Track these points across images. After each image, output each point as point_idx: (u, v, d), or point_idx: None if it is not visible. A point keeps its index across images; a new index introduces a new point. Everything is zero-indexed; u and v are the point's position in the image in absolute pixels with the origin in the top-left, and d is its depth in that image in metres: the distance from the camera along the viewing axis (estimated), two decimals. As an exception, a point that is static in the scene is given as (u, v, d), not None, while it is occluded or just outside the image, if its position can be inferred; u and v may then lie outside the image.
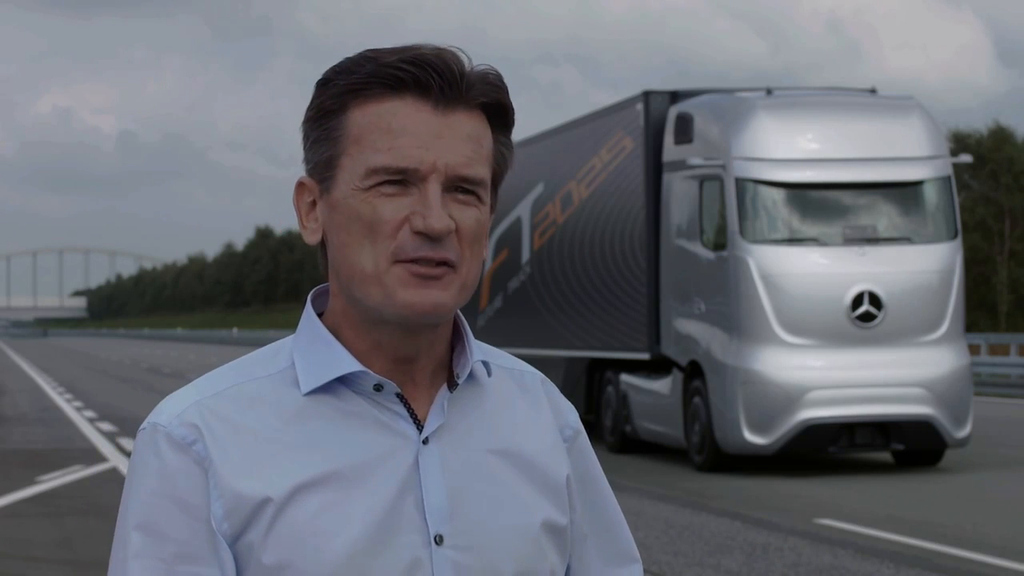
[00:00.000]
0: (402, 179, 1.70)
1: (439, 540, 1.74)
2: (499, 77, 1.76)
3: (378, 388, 1.76)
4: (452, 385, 1.80)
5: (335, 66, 1.76)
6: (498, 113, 1.77)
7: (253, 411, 1.75)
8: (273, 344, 1.82)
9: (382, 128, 1.71)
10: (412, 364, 1.78)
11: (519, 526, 1.79)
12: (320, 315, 1.82)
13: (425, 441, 1.76)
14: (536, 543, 1.80)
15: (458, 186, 1.72)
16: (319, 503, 1.71)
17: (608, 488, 1.96)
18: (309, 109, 1.77)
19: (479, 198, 1.74)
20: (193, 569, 1.70)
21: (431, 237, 1.69)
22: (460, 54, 1.74)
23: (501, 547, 1.77)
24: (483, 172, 1.74)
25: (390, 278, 1.71)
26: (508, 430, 1.84)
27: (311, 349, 1.78)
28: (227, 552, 1.70)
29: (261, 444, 1.73)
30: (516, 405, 1.87)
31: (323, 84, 1.76)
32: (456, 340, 1.82)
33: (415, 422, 1.77)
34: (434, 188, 1.70)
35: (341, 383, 1.76)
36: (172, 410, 1.75)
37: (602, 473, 1.96)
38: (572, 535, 1.89)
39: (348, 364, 1.75)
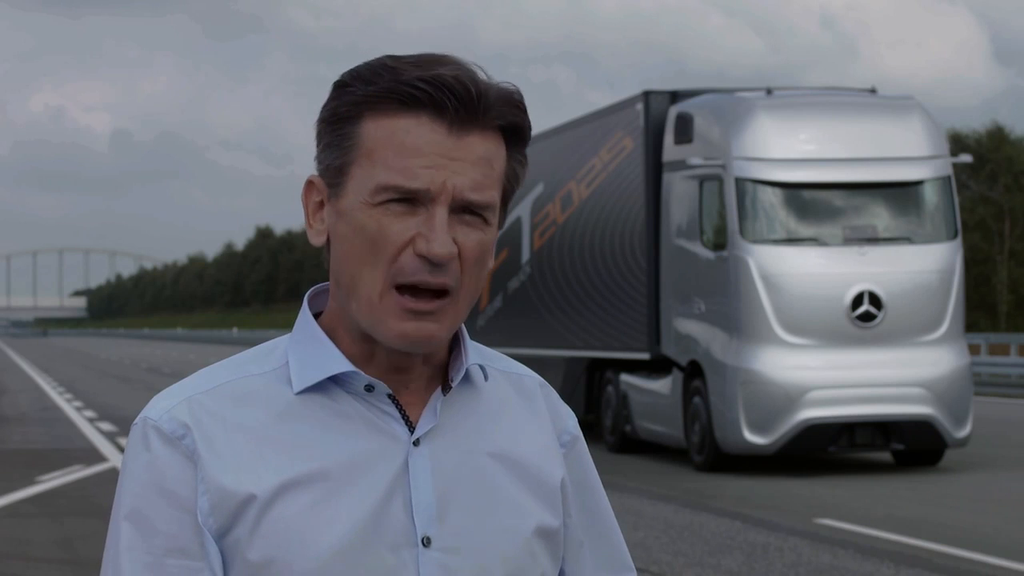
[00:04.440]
0: (410, 199, 1.70)
1: (427, 542, 1.74)
2: (519, 97, 1.75)
3: (369, 389, 1.76)
4: (446, 388, 1.80)
5: (353, 70, 1.75)
6: (515, 133, 1.77)
7: (244, 408, 1.75)
8: (269, 342, 1.83)
9: (395, 145, 1.70)
10: (405, 371, 1.78)
11: (510, 530, 1.79)
12: (318, 315, 1.82)
13: (416, 443, 1.76)
14: (527, 547, 1.80)
15: (465, 208, 1.71)
16: (305, 502, 1.71)
17: (604, 496, 1.96)
18: (324, 109, 1.76)
19: (485, 220, 1.73)
20: (183, 563, 1.70)
21: (432, 262, 1.69)
22: (479, 73, 1.73)
23: (491, 550, 1.77)
24: (492, 195, 1.73)
25: (385, 306, 1.71)
26: (503, 433, 1.83)
27: (305, 348, 1.78)
28: (214, 547, 1.71)
29: (250, 441, 1.73)
30: (513, 409, 1.86)
31: (340, 87, 1.74)
32: (453, 343, 1.82)
33: (407, 424, 1.77)
34: (441, 211, 1.69)
35: (334, 383, 1.76)
36: (164, 405, 1.76)
37: (599, 481, 1.96)
38: (566, 541, 1.88)
39: (340, 364, 1.75)
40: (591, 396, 19.89)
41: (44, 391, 36.65)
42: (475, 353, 1.83)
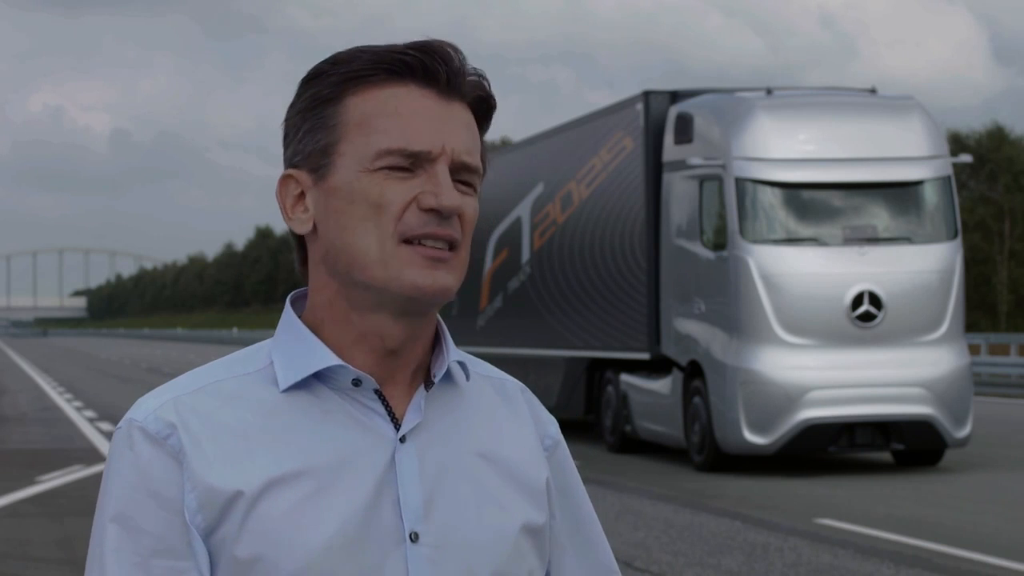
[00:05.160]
0: (411, 162, 1.73)
1: (414, 538, 1.74)
2: (485, 76, 1.80)
3: (356, 383, 1.76)
4: (428, 385, 1.81)
5: (327, 59, 1.78)
6: (484, 110, 1.80)
7: (230, 407, 1.75)
8: (254, 344, 1.83)
9: (388, 112, 1.73)
10: (395, 359, 1.78)
11: (497, 527, 1.80)
12: (300, 316, 1.82)
13: (402, 439, 1.77)
14: (514, 545, 1.80)
15: (459, 172, 1.75)
16: (293, 498, 1.71)
17: (587, 501, 1.96)
18: (299, 101, 1.78)
19: (473, 188, 1.77)
20: (169, 563, 1.70)
21: (441, 214, 1.72)
22: (458, 49, 1.77)
23: (478, 547, 1.78)
24: (480, 162, 1.77)
25: (397, 259, 1.72)
26: (487, 433, 1.84)
27: (290, 347, 1.78)
28: (201, 545, 1.71)
29: (236, 439, 1.73)
30: (496, 410, 1.88)
31: (315, 77, 1.77)
32: (434, 340, 1.83)
33: (393, 420, 1.78)
34: (443, 169, 1.73)
35: (319, 380, 1.77)
36: (149, 406, 1.76)
37: (582, 485, 1.97)
38: (550, 542, 1.89)
39: (326, 359, 1.76)
40: (591, 396, 19.89)
41: (44, 391, 36.66)
42: (455, 353, 1.84)
